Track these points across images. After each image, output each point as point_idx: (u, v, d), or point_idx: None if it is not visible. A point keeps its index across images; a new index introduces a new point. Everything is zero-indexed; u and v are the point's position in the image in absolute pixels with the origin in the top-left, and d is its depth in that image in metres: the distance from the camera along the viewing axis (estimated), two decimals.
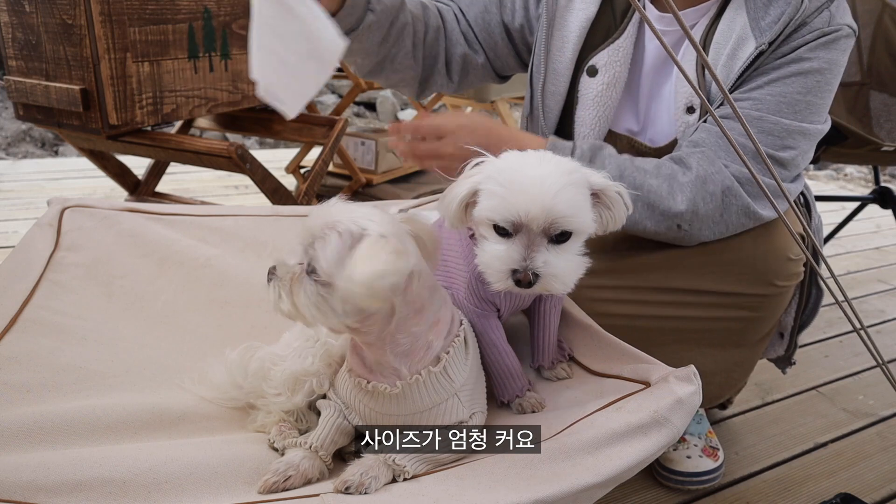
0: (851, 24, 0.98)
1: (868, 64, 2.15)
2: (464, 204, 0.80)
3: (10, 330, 0.90)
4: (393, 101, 5.22)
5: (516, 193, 0.74)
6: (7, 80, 1.77)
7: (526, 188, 0.74)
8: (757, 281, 1.01)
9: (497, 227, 0.76)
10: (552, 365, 0.95)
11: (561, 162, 0.78)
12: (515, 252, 0.75)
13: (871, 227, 2.88)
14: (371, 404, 0.77)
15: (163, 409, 0.85)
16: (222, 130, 2.50)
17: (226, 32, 1.94)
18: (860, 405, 1.50)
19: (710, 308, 1.04)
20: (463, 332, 0.81)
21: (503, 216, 0.75)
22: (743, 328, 1.08)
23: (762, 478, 1.25)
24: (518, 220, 0.74)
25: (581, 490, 0.65)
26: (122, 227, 1.16)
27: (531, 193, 0.74)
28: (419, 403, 0.75)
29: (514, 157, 0.79)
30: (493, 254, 0.76)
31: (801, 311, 1.15)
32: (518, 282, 0.75)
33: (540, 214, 0.73)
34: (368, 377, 0.76)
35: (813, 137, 1.00)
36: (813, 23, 0.96)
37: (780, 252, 1.00)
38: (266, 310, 1.12)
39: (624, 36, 1.06)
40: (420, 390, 0.75)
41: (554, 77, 1.12)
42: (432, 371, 0.75)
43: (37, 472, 0.64)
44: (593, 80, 1.08)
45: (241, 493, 0.71)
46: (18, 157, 3.85)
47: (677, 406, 0.70)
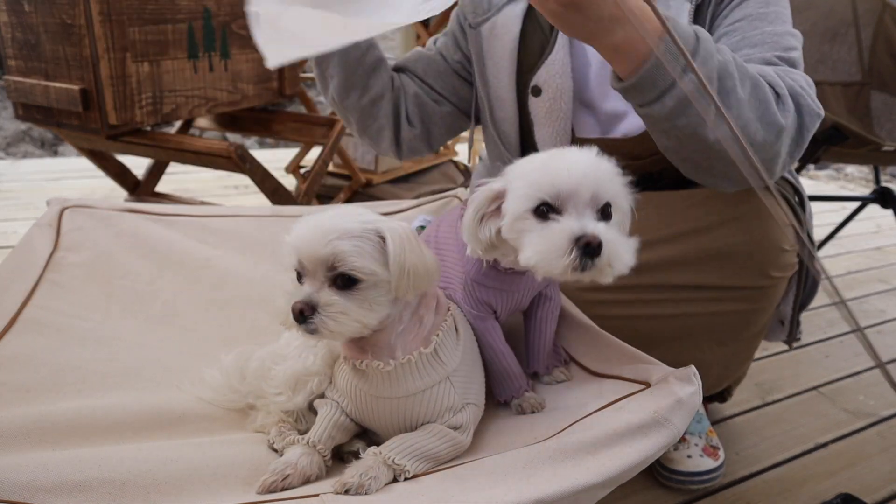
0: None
1: (869, 64, 2.15)
2: (480, 215, 0.77)
3: (10, 330, 0.90)
4: None
5: (555, 169, 0.71)
6: (6, 80, 1.77)
7: (564, 163, 0.72)
8: (753, 273, 1.02)
9: (538, 210, 0.71)
10: (548, 370, 0.95)
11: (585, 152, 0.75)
12: (569, 224, 0.69)
13: (871, 227, 2.88)
14: (364, 387, 0.77)
15: (162, 409, 0.85)
16: (222, 130, 2.50)
17: (225, 32, 1.94)
18: (861, 405, 1.50)
19: (709, 303, 1.04)
20: (452, 318, 0.81)
21: (546, 191, 0.70)
22: (740, 321, 1.08)
23: (762, 478, 1.25)
24: (562, 190, 0.70)
25: (581, 490, 0.64)
26: (122, 228, 1.16)
27: (570, 162, 0.71)
28: (411, 385, 0.75)
29: (538, 157, 0.77)
30: (546, 234, 0.70)
31: (798, 297, 1.16)
32: (587, 247, 0.68)
33: (583, 180, 0.69)
34: (361, 357, 0.76)
35: (799, 39, 0.98)
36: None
37: (774, 243, 1.01)
38: (266, 310, 1.13)
39: (556, 48, 1.06)
40: (412, 371, 0.75)
41: (500, 104, 1.14)
42: (423, 352, 0.75)
43: (36, 472, 0.64)
44: (539, 99, 1.09)
45: (241, 493, 0.71)
46: (18, 157, 3.85)
47: (677, 406, 0.70)
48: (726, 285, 1.02)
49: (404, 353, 0.75)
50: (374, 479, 0.67)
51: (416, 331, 0.76)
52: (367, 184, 2.64)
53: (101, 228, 1.14)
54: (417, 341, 0.76)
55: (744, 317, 1.08)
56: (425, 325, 0.77)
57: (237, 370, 0.91)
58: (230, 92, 2.02)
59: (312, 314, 0.69)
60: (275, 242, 1.21)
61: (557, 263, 0.69)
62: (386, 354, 0.75)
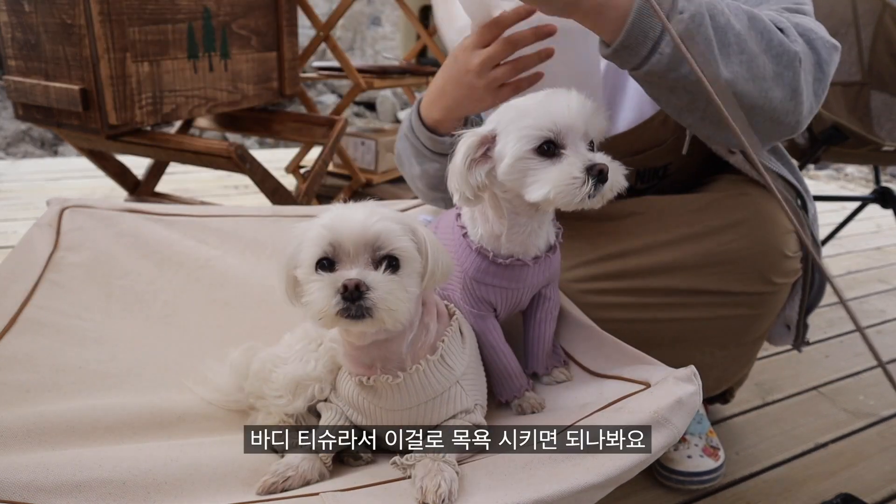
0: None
1: (869, 63, 2.15)
2: (468, 160, 0.79)
3: (10, 330, 0.90)
4: (393, 102, 5.22)
5: (555, 107, 0.75)
6: (6, 80, 1.77)
7: (562, 102, 0.76)
8: (755, 279, 1.01)
9: (541, 148, 0.75)
10: (547, 370, 0.95)
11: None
12: (581, 155, 0.75)
13: (871, 227, 2.88)
14: (375, 400, 0.77)
15: (163, 409, 0.85)
16: (222, 130, 2.50)
17: (225, 32, 1.94)
18: (861, 405, 1.50)
19: (710, 308, 1.04)
20: (457, 322, 0.81)
21: (549, 129, 0.74)
22: (742, 326, 1.08)
23: (762, 478, 1.25)
24: (563, 127, 0.74)
25: (581, 490, 0.64)
26: (122, 228, 1.16)
27: (567, 100, 0.75)
28: (421, 393, 0.75)
29: (525, 101, 0.80)
30: (559, 168, 0.75)
31: (804, 301, 1.15)
32: (599, 174, 0.74)
33: (579, 116, 0.75)
34: (368, 373, 0.76)
35: (810, 2, 0.97)
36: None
37: (777, 248, 1.00)
38: (266, 310, 1.13)
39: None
40: (421, 380, 0.75)
41: None
42: (430, 359, 0.75)
43: (36, 472, 0.64)
44: None
45: (240, 493, 0.71)
46: (18, 157, 3.85)
47: (678, 406, 0.70)
48: (728, 290, 1.02)
49: (413, 363, 0.75)
50: (452, 482, 0.65)
51: (424, 338, 0.76)
52: (367, 184, 2.64)
53: (101, 228, 1.14)
54: (425, 349, 0.76)
55: (745, 322, 1.07)
56: (431, 333, 0.76)
57: (244, 367, 0.90)
58: (230, 92, 2.02)
59: (367, 291, 0.65)
60: (275, 242, 1.22)
61: (576, 193, 0.74)
62: (395, 366, 0.75)
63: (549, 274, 0.90)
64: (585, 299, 1.01)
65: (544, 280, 0.90)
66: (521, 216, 0.84)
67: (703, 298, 1.03)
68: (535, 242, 0.87)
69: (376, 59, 5.70)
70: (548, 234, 0.89)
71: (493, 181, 0.81)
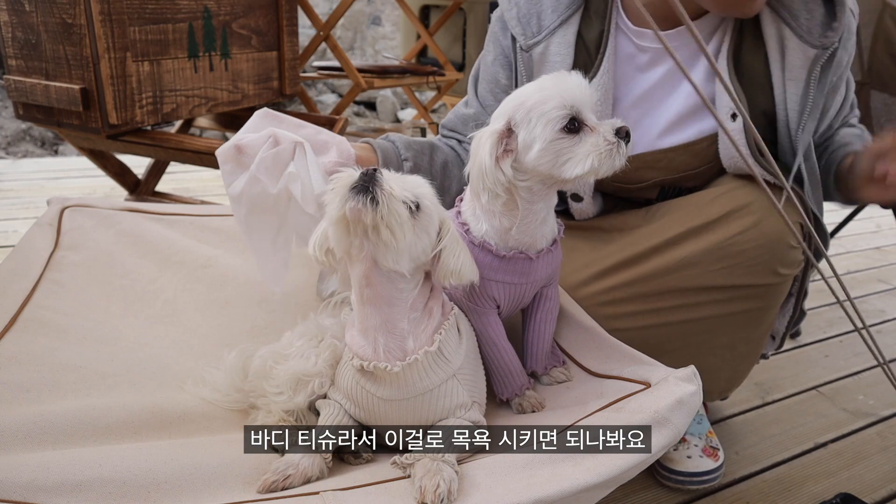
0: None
1: (868, 63, 2.15)
2: (495, 157, 0.81)
3: (10, 329, 0.90)
4: (393, 101, 5.22)
5: (569, 88, 0.80)
6: (7, 80, 1.77)
7: (572, 81, 0.81)
8: (762, 270, 1.02)
9: (567, 127, 0.79)
10: (546, 370, 0.95)
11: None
12: (601, 126, 0.80)
13: (871, 227, 2.88)
14: (372, 389, 0.77)
15: (163, 409, 0.85)
16: (222, 130, 2.50)
17: (226, 32, 1.94)
18: (860, 405, 1.50)
19: (718, 305, 1.05)
20: (454, 317, 0.81)
21: (571, 107, 0.79)
22: (749, 321, 1.09)
23: (762, 478, 1.25)
24: (579, 103, 0.79)
25: (581, 490, 0.64)
26: (122, 227, 1.16)
27: (574, 79, 0.81)
28: (419, 384, 0.76)
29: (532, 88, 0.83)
30: (593, 140, 0.79)
31: (793, 318, 1.19)
32: (626, 135, 0.81)
33: (586, 90, 0.80)
34: (371, 357, 0.76)
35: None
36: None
37: (782, 238, 1.02)
38: (266, 310, 1.13)
39: (601, 71, 1.07)
40: (419, 371, 0.75)
41: None
42: (429, 351, 0.76)
43: (37, 472, 0.64)
44: None
45: (241, 492, 0.71)
46: (18, 157, 3.85)
47: (678, 406, 0.70)
48: (735, 284, 1.03)
49: (416, 345, 0.75)
50: (452, 481, 0.66)
51: (426, 322, 0.77)
52: None
53: (101, 228, 1.14)
54: (427, 334, 0.76)
55: (752, 316, 1.08)
56: (434, 319, 0.77)
57: (240, 369, 0.91)
58: (230, 91, 2.02)
59: (381, 183, 0.69)
60: None
61: (616, 156, 0.80)
62: (397, 345, 0.75)
63: (551, 269, 0.91)
64: (603, 311, 1.02)
65: (548, 275, 0.90)
66: (536, 203, 0.85)
67: (711, 296, 1.04)
68: (543, 232, 0.88)
69: (376, 58, 5.70)
70: (553, 225, 0.90)
71: (514, 172, 0.83)
